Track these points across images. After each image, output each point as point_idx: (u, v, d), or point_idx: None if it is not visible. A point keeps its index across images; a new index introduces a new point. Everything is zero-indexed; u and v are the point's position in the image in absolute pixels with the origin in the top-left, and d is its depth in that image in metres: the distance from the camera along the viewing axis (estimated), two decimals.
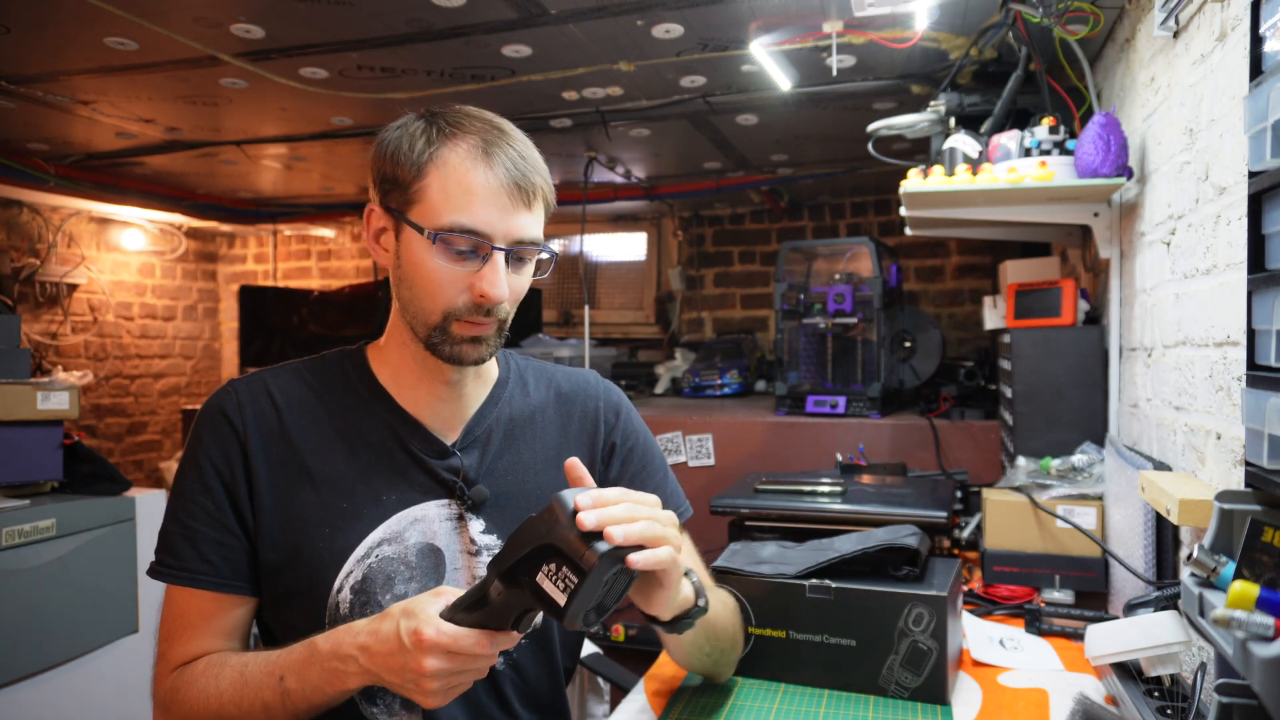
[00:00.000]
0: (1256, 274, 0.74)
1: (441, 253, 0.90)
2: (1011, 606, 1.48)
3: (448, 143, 0.91)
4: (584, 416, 1.12)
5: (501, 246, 0.91)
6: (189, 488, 0.96)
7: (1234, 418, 0.99)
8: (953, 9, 1.85)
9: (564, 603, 0.74)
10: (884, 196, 4.16)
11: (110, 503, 2.03)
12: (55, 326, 4.27)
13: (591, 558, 0.73)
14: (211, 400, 0.99)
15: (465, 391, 1.03)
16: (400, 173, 0.91)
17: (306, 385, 1.01)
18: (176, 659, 0.94)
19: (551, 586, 0.75)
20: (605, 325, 4.71)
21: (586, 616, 0.78)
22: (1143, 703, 0.98)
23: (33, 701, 1.85)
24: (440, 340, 0.93)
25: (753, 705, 1.10)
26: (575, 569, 0.74)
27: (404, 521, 0.98)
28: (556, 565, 0.75)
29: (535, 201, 0.93)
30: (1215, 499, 0.75)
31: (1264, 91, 0.69)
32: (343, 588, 0.95)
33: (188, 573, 0.93)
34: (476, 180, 0.89)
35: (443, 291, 0.91)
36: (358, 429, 0.99)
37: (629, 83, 2.45)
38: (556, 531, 0.75)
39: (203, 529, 0.94)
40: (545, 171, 0.96)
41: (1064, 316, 1.78)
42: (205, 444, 0.96)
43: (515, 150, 0.92)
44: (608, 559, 0.75)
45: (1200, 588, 0.69)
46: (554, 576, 0.75)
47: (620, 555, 0.77)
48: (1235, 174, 1.01)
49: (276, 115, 2.82)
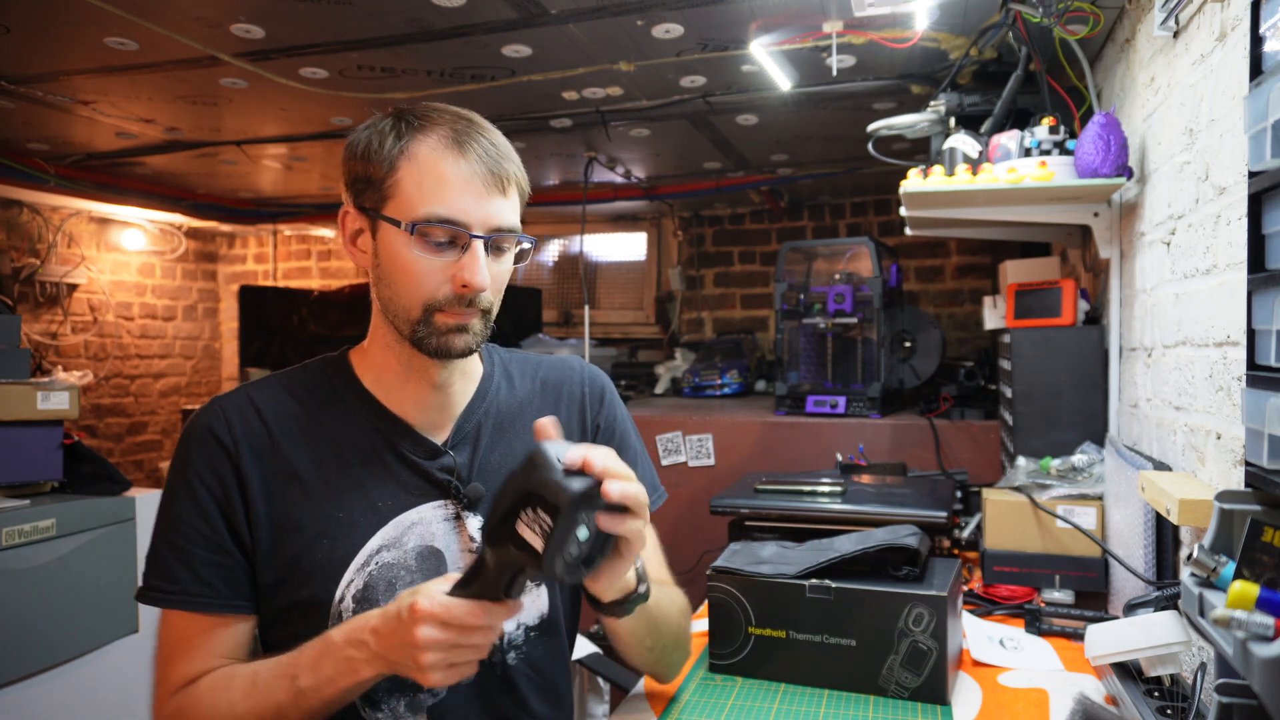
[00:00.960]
0: (1256, 274, 0.74)
1: (419, 245, 0.90)
2: (1011, 606, 1.48)
3: (417, 135, 0.91)
4: (570, 402, 1.12)
5: (480, 235, 0.90)
6: (181, 510, 0.93)
7: (1234, 418, 0.99)
8: (953, 9, 1.85)
9: (541, 547, 0.73)
10: (884, 196, 4.16)
11: (110, 503, 2.03)
12: (55, 326, 4.27)
13: (564, 495, 0.73)
14: (197, 420, 0.97)
15: (453, 390, 1.03)
16: (372, 170, 0.91)
17: (292, 397, 1.00)
18: (178, 681, 0.92)
19: (529, 533, 0.74)
20: (605, 325, 4.71)
21: (570, 568, 0.77)
22: (1143, 703, 0.98)
23: (33, 701, 1.85)
24: (425, 334, 0.93)
25: (753, 705, 1.09)
26: (550, 508, 0.73)
27: (401, 526, 0.97)
28: (533, 510, 0.74)
29: (510, 188, 0.93)
30: (1215, 499, 0.75)
31: (1264, 91, 0.69)
32: (344, 597, 0.94)
33: (185, 596, 0.92)
34: (449, 170, 0.89)
35: (423, 284, 0.91)
36: (348, 437, 0.98)
37: (629, 83, 2.45)
38: (533, 475, 0.75)
39: (199, 551, 0.92)
40: (517, 159, 0.96)
41: (1064, 316, 1.78)
42: (195, 464, 0.94)
43: (486, 139, 0.92)
44: (582, 498, 0.74)
45: (1200, 588, 0.69)
46: (531, 522, 0.74)
47: (594, 496, 0.76)
48: (1235, 174, 1.01)
49: (276, 115, 2.82)
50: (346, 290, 3.98)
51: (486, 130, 0.94)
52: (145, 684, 0.97)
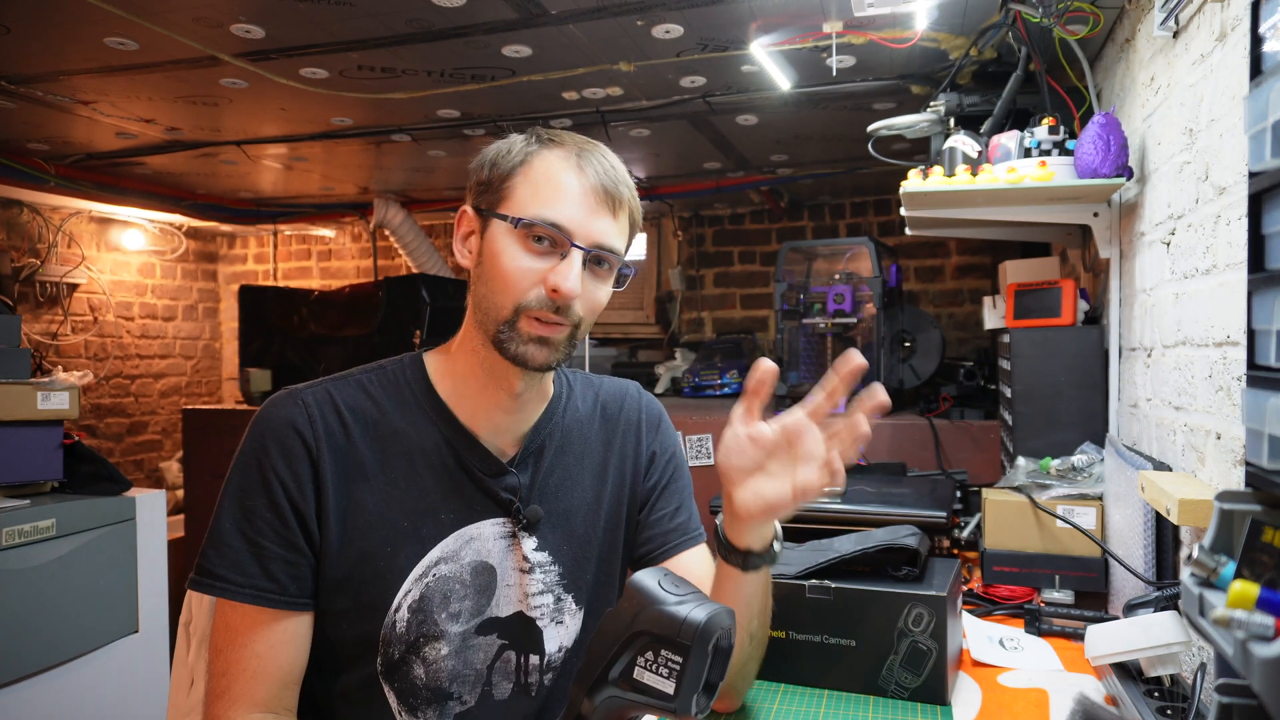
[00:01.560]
0: (1256, 274, 0.74)
1: (522, 244, 0.91)
2: (1011, 606, 1.48)
3: (544, 148, 0.94)
4: (626, 427, 1.12)
5: (581, 246, 0.91)
6: (256, 504, 0.91)
7: (1234, 418, 0.99)
8: (953, 9, 1.85)
9: (674, 690, 0.65)
10: (884, 196, 4.16)
11: (110, 503, 2.03)
12: (55, 326, 4.27)
13: (691, 628, 0.65)
14: (277, 411, 0.94)
15: (527, 404, 1.03)
16: (494, 174, 0.95)
17: (370, 398, 0.99)
18: (235, 672, 0.89)
19: (654, 677, 0.66)
20: (605, 325, 4.71)
21: (698, 700, 0.68)
22: (1143, 703, 0.98)
23: (33, 701, 1.85)
24: (508, 337, 0.92)
25: (753, 705, 1.09)
26: (676, 647, 0.66)
27: (460, 540, 0.97)
28: (653, 652, 0.67)
29: (620, 212, 0.96)
30: (1215, 499, 0.75)
31: (1264, 91, 0.69)
32: (400, 606, 0.94)
33: (255, 590, 0.90)
34: (565, 179, 0.92)
35: (517, 283, 0.91)
36: (418, 445, 0.98)
37: (629, 83, 2.45)
38: (645, 614, 0.67)
39: (271, 546, 0.91)
40: (634, 188, 0.99)
41: (1064, 316, 1.78)
42: (273, 458, 0.92)
43: (606, 161, 0.96)
44: (710, 624, 0.67)
45: (1200, 588, 0.69)
46: (653, 665, 0.66)
47: (720, 617, 0.69)
48: (1235, 174, 1.01)
49: (276, 115, 2.82)
50: (346, 290, 3.97)
51: (608, 155, 0.97)
52: (145, 684, 0.97)
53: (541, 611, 1.02)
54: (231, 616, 0.91)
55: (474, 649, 0.98)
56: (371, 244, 5.08)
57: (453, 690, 0.97)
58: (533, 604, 1.01)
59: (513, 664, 1.01)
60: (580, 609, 1.05)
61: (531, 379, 0.99)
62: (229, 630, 0.91)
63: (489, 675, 0.99)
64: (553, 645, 1.03)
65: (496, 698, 1.00)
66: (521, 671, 1.01)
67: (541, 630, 1.02)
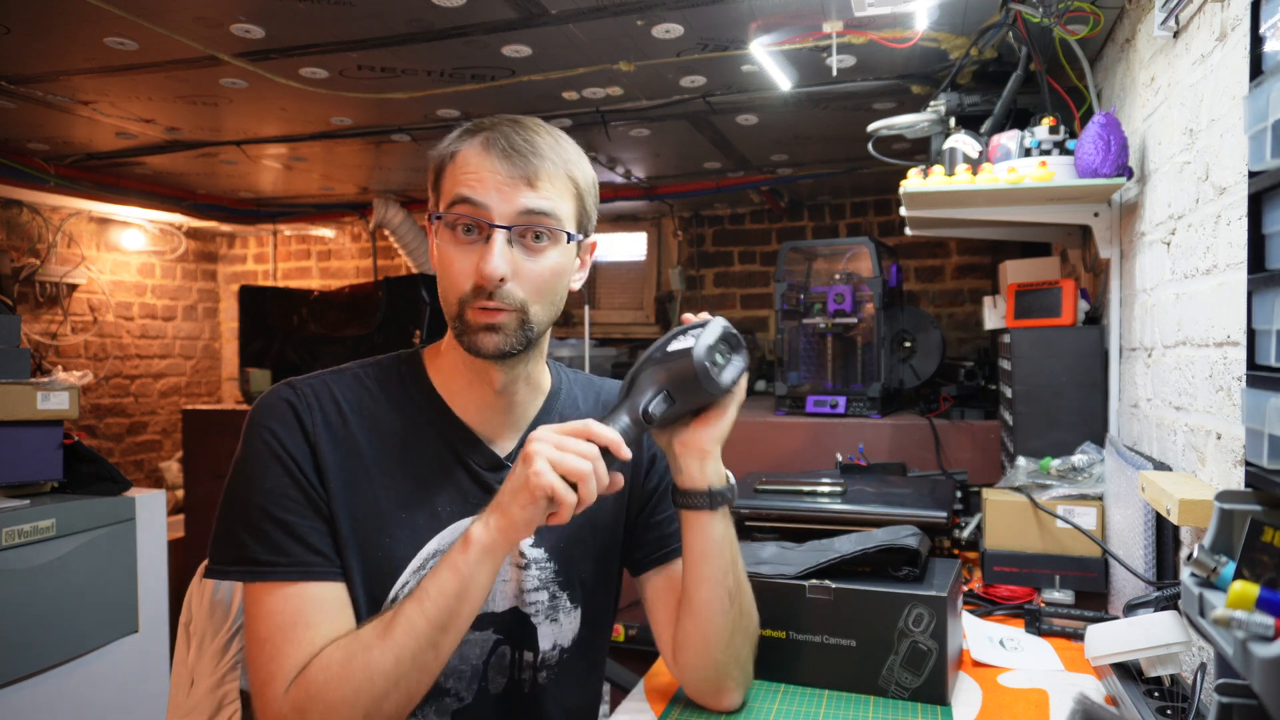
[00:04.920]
0: (1256, 274, 0.74)
1: (449, 236, 0.92)
2: (1011, 607, 1.48)
3: (466, 138, 0.94)
4: None
5: (501, 225, 0.90)
6: (274, 483, 0.89)
7: (1234, 418, 0.99)
8: (953, 9, 1.85)
9: (693, 345, 0.92)
10: (884, 196, 4.15)
11: (110, 503, 2.03)
12: (55, 326, 4.27)
13: (707, 322, 0.98)
14: (275, 396, 0.94)
15: (517, 400, 1.02)
16: (432, 177, 0.96)
17: (368, 391, 0.98)
18: (299, 661, 0.84)
19: (679, 343, 0.95)
20: (605, 325, 4.70)
21: (713, 367, 0.93)
22: (1143, 703, 0.98)
23: (33, 701, 1.85)
24: (460, 329, 0.93)
25: (753, 705, 1.09)
26: (698, 324, 0.97)
27: (456, 532, 0.96)
28: (681, 334, 0.97)
29: (542, 178, 0.92)
30: (1215, 499, 0.75)
31: (1264, 91, 0.69)
32: (398, 597, 0.93)
33: (301, 566, 0.87)
34: (475, 161, 0.92)
35: (454, 277, 0.92)
36: (416, 438, 0.98)
37: (629, 83, 2.45)
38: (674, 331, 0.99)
39: (303, 521, 0.89)
40: (567, 157, 0.96)
41: (1064, 316, 1.78)
42: (279, 437, 0.90)
43: (521, 136, 0.92)
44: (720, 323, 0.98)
45: (1200, 588, 0.69)
46: (680, 336, 0.97)
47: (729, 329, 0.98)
48: (1235, 174, 1.01)
49: (276, 115, 2.82)
50: (346, 290, 3.97)
51: (528, 129, 0.94)
52: (145, 684, 0.96)
53: (536, 608, 1.02)
54: (278, 601, 0.86)
55: (469, 643, 0.98)
56: (371, 244, 5.08)
57: (449, 686, 0.97)
58: (528, 600, 1.01)
59: (507, 659, 1.01)
60: (576, 608, 1.05)
61: (510, 371, 0.98)
62: (274, 617, 0.86)
63: (485, 671, 0.99)
64: (547, 643, 1.03)
65: (492, 693, 1.00)
66: (515, 668, 1.01)
67: (536, 627, 1.02)
